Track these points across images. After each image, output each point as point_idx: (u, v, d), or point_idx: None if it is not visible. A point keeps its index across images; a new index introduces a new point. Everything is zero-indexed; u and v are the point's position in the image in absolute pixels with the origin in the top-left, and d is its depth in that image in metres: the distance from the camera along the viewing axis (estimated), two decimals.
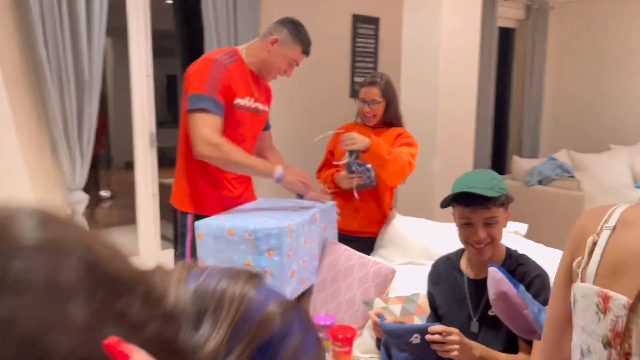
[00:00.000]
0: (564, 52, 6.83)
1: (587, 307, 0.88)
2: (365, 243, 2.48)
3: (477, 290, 1.55)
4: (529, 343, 1.42)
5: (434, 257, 2.22)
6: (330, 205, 2.28)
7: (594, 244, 0.89)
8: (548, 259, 1.88)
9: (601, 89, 6.45)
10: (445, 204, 1.53)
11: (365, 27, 5.07)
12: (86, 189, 3.64)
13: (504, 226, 1.53)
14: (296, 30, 2.11)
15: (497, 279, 1.32)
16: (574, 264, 0.92)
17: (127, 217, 4.24)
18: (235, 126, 2.09)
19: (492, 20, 5.90)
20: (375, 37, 5.19)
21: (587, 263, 0.89)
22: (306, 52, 2.15)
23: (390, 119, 2.48)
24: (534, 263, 1.54)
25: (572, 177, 4.13)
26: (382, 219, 2.53)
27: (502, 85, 6.71)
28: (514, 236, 2.14)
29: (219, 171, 2.10)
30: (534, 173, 4.18)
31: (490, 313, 1.49)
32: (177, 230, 2.16)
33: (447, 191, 3.70)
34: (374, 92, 2.41)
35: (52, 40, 3.18)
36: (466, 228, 1.51)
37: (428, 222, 2.41)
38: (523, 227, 2.20)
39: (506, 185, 1.52)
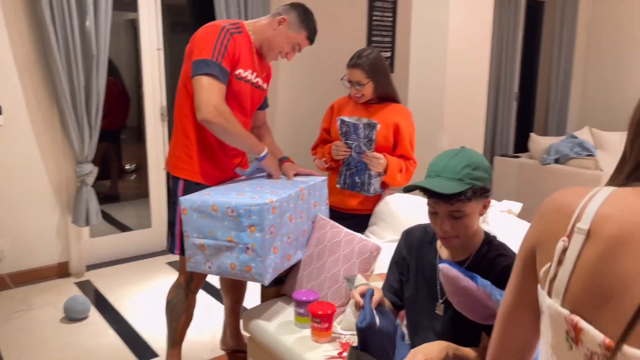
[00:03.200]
0: (593, 27, 6.53)
1: (556, 329, 0.74)
2: (362, 220, 2.45)
3: None
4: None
5: None
6: (320, 181, 2.25)
7: (564, 250, 0.72)
8: None
9: (632, 66, 6.16)
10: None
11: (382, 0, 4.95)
12: (107, 162, 3.72)
13: (481, 215, 1.42)
14: (305, 15, 2.14)
15: (452, 276, 1.25)
16: (542, 271, 0.76)
17: (143, 190, 4.31)
18: (235, 96, 2.10)
19: None
20: (393, 10, 5.06)
21: (555, 274, 0.73)
22: (311, 39, 2.17)
23: (383, 95, 2.41)
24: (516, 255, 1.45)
25: (592, 155, 3.97)
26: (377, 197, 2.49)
27: (529, 60, 6.48)
28: (506, 215, 2.07)
29: (217, 141, 2.12)
30: (551, 151, 4.04)
31: None
32: (170, 196, 2.19)
33: None
34: (358, 74, 2.34)
35: (59, 13, 3.21)
36: (432, 216, 1.41)
37: (420, 199, 2.36)
38: (517, 206, 2.13)
39: (489, 170, 1.38)
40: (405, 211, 2.29)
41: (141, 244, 4.08)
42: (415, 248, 1.59)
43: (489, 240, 1.47)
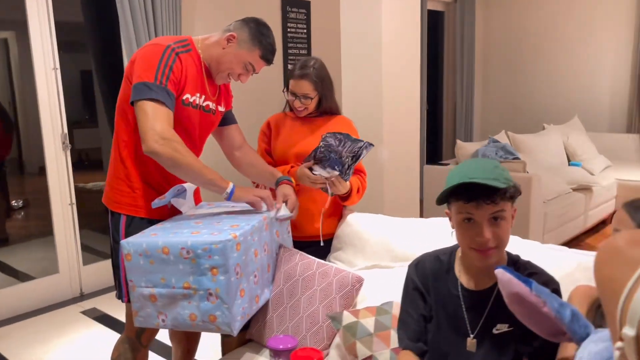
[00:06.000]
0: (490, 36, 6.86)
1: None
2: (320, 247, 2.21)
3: (476, 303, 1.30)
4: None
5: (399, 258, 2.00)
6: (281, 207, 1.98)
7: None
8: None
9: (529, 71, 6.53)
10: (442, 198, 1.26)
11: (295, 11, 4.79)
12: None
13: (511, 225, 1.27)
14: (259, 32, 1.83)
15: (505, 281, 1.12)
16: None
17: (43, 228, 3.76)
18: (180, 123, 1.80)
19: (423, 2, 5.78)
20: (307, 21, 4.91)
21: None
22: (265, 58, 1.87)
23: (326, 109, 2.22)
24: (547, 273, 1.30)
25: (517, 158, 4.06)
26: (337, 217, 2.27)
27: (433, 69, 6.65)
28: None
29: (159, 169, 1.82)
30: (477, 156, 4.08)
31: (495, 331, 1.26)
32: (111, 235, 1.87)
33: (396, 182, 3.45)
34: (306, 86, 2.09)
35: None
36: (468, 227, 1.23)
37: (386, 218, 2.17)
38: None
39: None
40: (373, 231, 2.09)
41: (47, 293, 3.53)
42: (430, 280, 1.38)
43: (515, 260, 1.31)
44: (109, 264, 3.84)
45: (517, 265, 1.30)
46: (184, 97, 1.77)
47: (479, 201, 1.18)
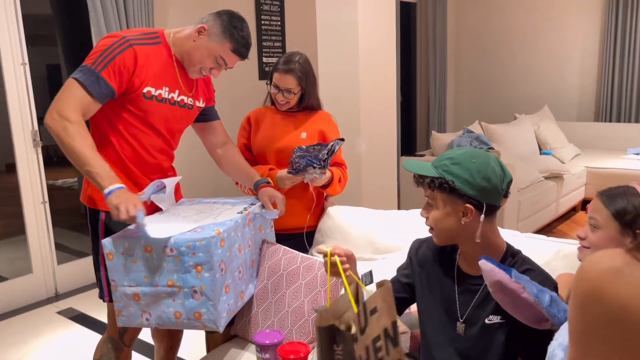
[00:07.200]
0: (462, 27, 6.93)
1: None
2: (301, 240, 2.21)
3: (469, 288, 1.34)
4: None
5: (381, 250, 2.02)
6: (262, 208, 1.97)
7: None
8: None
9: (500, 62, 6.62)
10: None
11: (269, 3, 4.75)
12: None
13: (463, 222, 1.26)
14: (231, 25, 1.78)
15: (487, 271, 1.19)
16: None
17: (15, 227, 3.67)
18: (143, 117, 1.77)
19: None
20: (281, 13, 4.89)
21: None
22: (238, 52, 1.80)
23: (308, 105, 2.22)
24: (544, 270, 1.31)
25: (491, 148, 4.13)
26: (318, 210, 2.27)
27: (406, 61, 6.69)
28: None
29: (136, 163, 1.80)
30: (452, 147, 4.14)
31: (487, 321, 1.29)
32: (91, 232, 1.83)
33: (375, 174, 3.49)
34: (290, 81, 2.08)
35: None
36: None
37: (368, 210, 2.19)
38: None
39: (482, 178, 1.24)
40: (355, 224, 2.11)
41: (22, 294, 3.45)
42: (430, 260, 1.44)
43: (513, 253, 1.34)
44: (84, 262, 3.81)
45: (515, 257, 1.32)
46: (145, 91, 1.74)
47: (415, 180, 1.35)
